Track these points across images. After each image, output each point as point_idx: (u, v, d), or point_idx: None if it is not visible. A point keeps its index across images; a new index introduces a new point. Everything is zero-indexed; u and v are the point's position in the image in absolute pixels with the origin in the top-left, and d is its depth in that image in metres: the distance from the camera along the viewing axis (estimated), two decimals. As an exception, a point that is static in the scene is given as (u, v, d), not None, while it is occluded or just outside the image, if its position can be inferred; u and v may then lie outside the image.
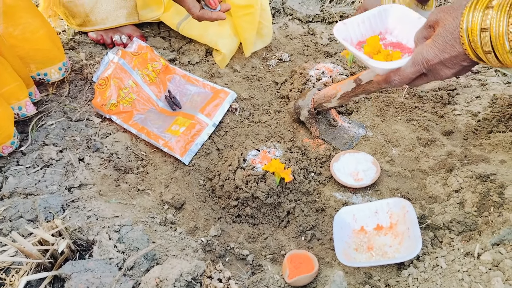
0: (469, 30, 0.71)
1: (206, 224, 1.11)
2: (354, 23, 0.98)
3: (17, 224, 0.97)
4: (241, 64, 1.52)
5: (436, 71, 0.80)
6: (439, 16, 0.77)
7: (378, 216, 1.06)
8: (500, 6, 0.68)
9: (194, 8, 1.15)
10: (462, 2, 0.74)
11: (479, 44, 0.71)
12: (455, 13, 0.74)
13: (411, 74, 0.83)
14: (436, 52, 0.77)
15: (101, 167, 1.17)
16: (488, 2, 0.70)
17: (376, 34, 0.98)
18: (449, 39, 0.75)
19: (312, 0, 1.74)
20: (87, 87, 1.36)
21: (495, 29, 0.68)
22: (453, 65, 0.77)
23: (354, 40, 0.99)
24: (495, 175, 1.08)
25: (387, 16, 0.98)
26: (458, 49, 0.74)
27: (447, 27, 0.75)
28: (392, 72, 0.87)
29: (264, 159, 1.15)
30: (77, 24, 1.47)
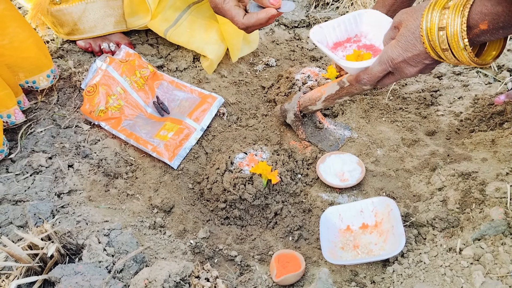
0: (428, 29, 0.75)
1: (195, 226, 1.13)
2: (330, 27, 1.03)
3: (7, 230, 0.98)
4: (228, 70, 1.54)
5: (401, 69, 0.84)
6: (402, 18, 0.81)
7: (364, 215, 1.08)
8: (455, 7, 0.72)
9: (237, 16, 1.00)
10: (422, 5, 0.78)
11: (437, 42, 0.75)
12: (416, 14, 0.79)
13: (378, 72, 0.88)
14: (400, 51, 0.81)
15: (90, 173, 1.18)
16: (445, 3, 0.74)
17: (350, 37, 1.03)
18: (411, 39, 0.79)
19: (298, 6, 1.77)
20: (76, 95, 1.37)
21: (451, 28, 0.72)
22: (416, 63, 0.81)
23: (330, 43, 1.03)
24: (476, 173, 1.11)
25: (361, 21, 1.04)
26: (420, 48, 0.78)
27: (409, 27, 0.79)
28: (361, 72, 0.91)
29: (251, 161, 1.17)
30: (65, 32, 1.49)
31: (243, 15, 0.99)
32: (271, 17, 0.98)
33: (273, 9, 0.97)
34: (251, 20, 0.98)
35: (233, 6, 0.99)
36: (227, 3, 0.99)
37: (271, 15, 0.97)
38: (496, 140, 1.19)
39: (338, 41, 1.04)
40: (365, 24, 1.04)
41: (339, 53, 1.02)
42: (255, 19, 0.98)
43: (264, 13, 0.97)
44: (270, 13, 0.97)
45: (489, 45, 0.80)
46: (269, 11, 0.97)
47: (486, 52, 0.80)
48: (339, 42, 1.04)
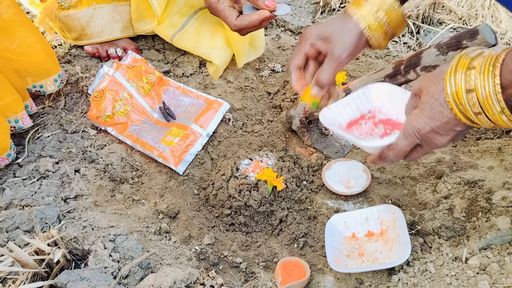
0: (454, 94, 0.68)
1: (200, 233, 1.13)
2: (340, 107, 0.94)
3: (13, 235, 0.98)
4: (234, 75, 1.55)
5: (430, 140, 0.75)
6: (422, 84, 0.74)
7: (369, 222, 1.08)
8: (482, 67, 0.65)
9: (230, 17, 0.97)
10: (442, 69, 0.71)
11: (468, 106, 0.67)
12: (436, 79, 0.71)
13: (405, 147, 0.78)
14: (426, 121, 0.73)
15: (96, 178, 1.19)
16: (469, 63, 0.67)
17: (364, 114, 0.95)
18: (436, 106, 0.71)
19: (304, 12, 1.78)
20: (83, 100, 1.38)
21: (481, 90, 0.65)
22: (446, 131, 0.73)
23: (343, 123, 0.95)
24: (483, 181, 1.10)
25: (371, 95, 0.95)
26: (448, 114, 0.71)
27: (431, 93, 0.72)
28: (385, 149, 0.81)
29: (256, 168, 1.17)
30: (72, 38, 1.50)
31: (236, 16, 0.97)
32: (264, 19, 0.96)
33: (266, 11, 0.95)
34: (243, 22, 0.96)
35: (227, 7, 0.97)
36: (221, 3, 0.97)
37: (264, 17, 0.95)
38: (503, 148, 1.19)
39: (351, 120, 0.96)
40: (376, 98, 0.95)
41: (354, 132, 0.94)
42: (248, 21, 0.96)
43: (257, 15, 0.95)
44: (263, 15, 0.95)
45: None
46: (262, 13, 0.95)
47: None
48: (353, 121, 0.96)
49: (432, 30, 1.69)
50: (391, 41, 1.65)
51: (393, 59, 1.61)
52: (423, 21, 1.69)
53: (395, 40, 1.66)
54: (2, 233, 0.99)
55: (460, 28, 1.69)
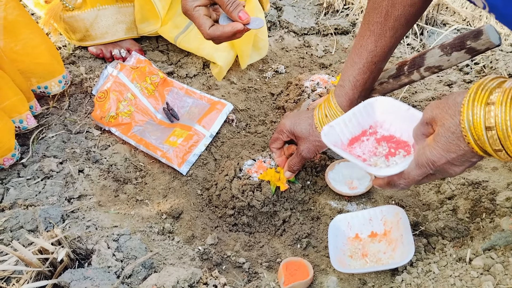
0: (472, 128, 0.65)
1: (203, 233, 1.13)
2: (341, 124, 0.93)
3: (17, 235, 0.99)
4: (237, 76, 1.55)
5: (444, 171, 0.74)
6: (435, 113, 0.71)
7: (372, 223, 1.08)
8: (503, 102, 0.62)
9: (203, 25, 0.97)
10: (456, 99, 0.68)
11: (487, 143, 0.65)
12: (451, 110, 0.68)
13: (418, 176, 0.77)
14: (441, 153, 0.71)
15: (100, 178, 1.19)
16: (487, 98, 0.64)
17: (366, 129, 0.94)
18: (452, 139, 0.69)
19: (307, 13, 1.78)
20: (87, 100, 1.39)
21: (503, 127, 0.62)
22: (461, 162, 0.71)
23: (345, 140, 0.93)
24: (487, 182, 1.10)
25: (373, 110, 0.93)
26: (464, 147, 0.68)
27: (446, 126, 0.69)
28: (395, 176, 0.80)
29: (260, 168, 1.17)
30: (77, 39, 1.51)
31: (209, 25, 0.96)
32: (237, 31, 0.96)
33: (240, 24, 0.95)
34: (216, 32, 0.96)
35: (202, 15, 0.97)
36: (197, 11, 0.97)
37: (236, 30, 0.95)
38: (507, 149, 1.18)
39: (353, 137, 0.93)
40: (378, 113, 0.93)
41: (357, 149, 0.92)
42: (220, 32, 0.96)
43: (230, 27, 0.95)
44: (235, 28, 0.95)
45: None
46: (235, 25, 0.95)
47: None
48: (354, 138, 0.93)
49: (436, 31, 1.68)
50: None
51: (396, 60, 1.61)
52: (427, 23, 1.69)
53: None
54: (6, 232, 1.00)
55: (464, 29, 1.69)
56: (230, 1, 0.94)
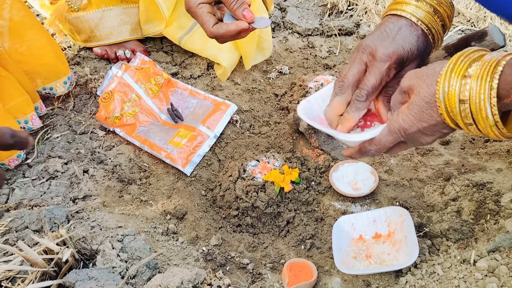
0: (446, 100, 0.65)
1: (207, 233, 1.14)
2: (319, 98, 0.91)
3: (23, 235, 0.99)
4: (241, 77, 1.55)
5: (415, 139, 0.74)
6: (412, 82, 0.71)
7: (377, 224, 1.07)
8: (479, 76, 0.62)
9: (207, 23, 0.94)
10: (435, 68, 0.68)
11: (459, 116, 0.65)
12: (429, 79, 0.68)
13: (389, 143, 0.77)
14: (413, 121, 0.71)
15: (105, 178, 1.20)
16: (465, 71, 0.64)
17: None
18: (425, 108, 0.69)
19: (311, 14, 1.78)
20: (92, 101, 1.39)
21: (476, 101, 0.62)
22: (432, 132, 0.72)
23: (322, 115, 0.90)
24: (491, 184, 1.09)
25: None
26: (436, 118, 0.69)
27: (421, 95, 0.69)
28: (367, 142, 0.80)
29: (264, 169, 1.18)
30: (82, 39, 1.52)
31: (213, 23, 0.94)
32: (241, 30, 0.92)
33: (244, 22, 0.92)
34: (220, 31, 0.93)
35: (206, 12, 0.94)
36: (200, 8, 0.94)
37: (241, 28, 0.92)
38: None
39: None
40: None
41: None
42: (224, 30, 0.92)
43: (234, 26, 0.92)
44: (240, 26, 0.92)
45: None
46: (239, 24, 0.92)
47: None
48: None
49: (440, 32, 1.68)
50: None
51: (401, 61, 1.61)
52: (431, 23, 1.68)
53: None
54: (11, 232, 1.00)
55: (468, 30, 1.68)
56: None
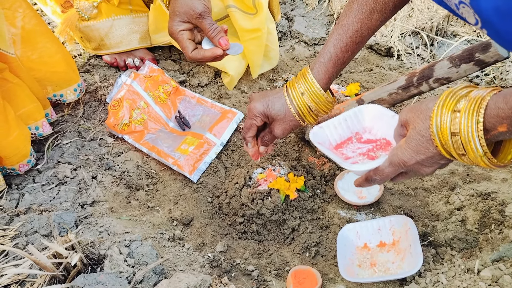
0: (440, 133, 0.71)
1: (213, 240, 1.15)
2: (331, 126, 0.99)
3: (32, 239, 1.01)
4: (248, 86, 1.57)
5: (415, 170, 0.80)
6: (408, 117, 0.78)
7: (381, 233, 1.08)
8: (467, 111, 0.67)
9: (186, 48, 1.06)
10: (428, 105, 0.74)
11: (452, 148, 0.70)
12: (422, 115, 0.74)
13: (391, 173, 0.83)
14: (411, 154, 0.77)
15: (113, 184, 1.22)
16: (454, 106, 0.69)
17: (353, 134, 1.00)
18: (421, 142, 0.75)
19: (318, 24, 1.80)
20: (101, 108, 1.41)
21: (465, 134, 0.67)
22: (431, 164, 0.77)
23: (333, 142, 1.00)
24: (496, 193, 1.10)
25: (363, 116, 0.99)
26: (433, 150, 0.74)
27: (417, 129, 0.75)
28: (372, 171, 0.86)
29: (269, 177, 1.19)
30: (92, 47, 1.54)
31: (192, 49, 1.05)
32: (216, 56, 1.04)
33: (219, 49, 1.04)
34: (197, 56, 1.05)
35: (186, 39, 1.06)
36: (181, 35, 1.05)
37: (216, 55, 1.04)
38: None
39: (342, 141, 1.00)
40: (368, 119, 0.99)
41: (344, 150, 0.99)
42: (201, 56, 1.05)
43: (210, 53, 1.04)
44: (215, 53, 1.04)
45: (506, 143, 0.71)
46: (215, 51, 1.04)
47: (504, 149, 0.71)
48: (343, 141, 1.00)
49: (446, 42, 1.69)
50: (405, 52, 1.66)
51: (406, 70, 1.62)
52: (437, 33, 1.70)
53: (409, 52, 1.67)
54: (21, 236, 1.02)
55: (474, 40, 1.69)
56: (212, 28, 1.03)
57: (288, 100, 0.98)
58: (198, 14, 1.03)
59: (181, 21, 1.05)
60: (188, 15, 1.03)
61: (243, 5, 1.45)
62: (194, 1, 1.03)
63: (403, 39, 1.69)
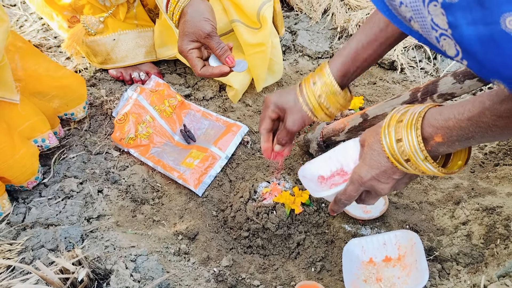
0: (388, 143, 0.76)
1: (218, 254, 1.15)
2: (322, 161, 1.03)
3: (39, 254, 1.02)
4: (253, 99, 1.58)
5: (373, 187, 0.83)
6: (365, 136, 0.84)
7: (387, 247, 1.08)
8: (408, 120, 0.74)
9: (195, 66, 1.12)
10: (381, 123, 0.80)
11: (398, 154, 0.75)
12: (374, 132, 0.80)
13: (353, 192, 0.85)
14: (366, 169, 0.81)
15: (118, 198, 1.22)
16: (399, 118, 0.76)
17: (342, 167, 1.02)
18: (374, 155, 0.79)
19: (321, 38, 1.81)
20: (107, 122, 1.43)
21: (406, 140, 0.73)
22: (386, 179, 0.80)
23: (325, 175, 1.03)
24: (501, 208, 1.10)
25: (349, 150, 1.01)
26: (385, 163, 0.78)
27: (370, 144, 0.80)
28: (339, 194, 0.89)
29: (274, 191, 1.19)
30: (98, 62, 1.56)
31: (201, 66, 1.11)
32: (223, 73, 1.11)
33: (226, 67, 1.11)
34: (206, 73, 1.11)
35: (195, 57, 1.11)
36: (190, 53, 1.11)
37: (223, 72, 1.11)
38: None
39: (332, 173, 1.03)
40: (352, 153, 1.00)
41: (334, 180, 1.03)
42: (209, 73, 1.11)
43: (218, 70, 1.11)
44: (222, 70, 1.10)
45: (454, 155, 0.78)
46: (222, 69, 1.10)
47: (452, 161, 0.78)
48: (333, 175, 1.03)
49: (449, 55, 1.70)
50: (409, 66, 1.67)
51: (410, 84, 1.63)
52: (440, 47, 1.70)
53: (412, 65, 1.68)
54: (28, 251, 1.03)
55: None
56: (220, 47, 1.09)
57: (299, 90, 0.97)
58: (206, 34, 1.08)
59: (191, 40, 1.10)
60: (197, 35, 1.09)
61: (248, 20, 1.47)
62: (203, 22, 1.08)
63: (406, 52, 1.70)
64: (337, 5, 1.88)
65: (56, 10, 1.53)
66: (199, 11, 1.09)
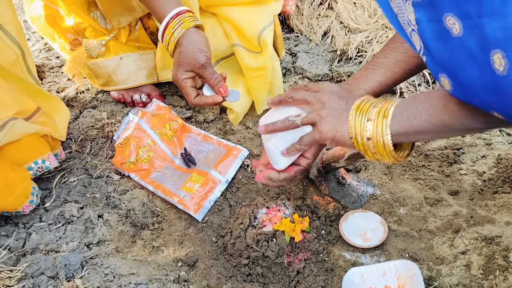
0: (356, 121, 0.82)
1: (218, 282, 1.15)
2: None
3: (38, 281, 1.02)
4: (253, 121, 1.59)
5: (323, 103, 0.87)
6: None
7: (386, 277, 1.08)
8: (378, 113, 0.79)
9: (189, 95, 1.14)
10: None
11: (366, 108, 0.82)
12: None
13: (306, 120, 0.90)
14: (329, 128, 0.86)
15: (118, 223, 1.22)
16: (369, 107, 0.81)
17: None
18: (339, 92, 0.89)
19: (321, 60, 1.83)
20: (108, 145, 1.43)
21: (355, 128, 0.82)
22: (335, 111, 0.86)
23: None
24: (500, 237, 1.11)
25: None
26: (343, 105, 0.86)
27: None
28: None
29: (274, 217, 1.20)
30: (100, 84, 1.57)
31: (195, 95, 1.15)
32: (217, 103, 1.15)
33: (219, 97, 1.14)
34: (199, 102, 1.14)
35: (189, 86, 1.15)
36: (185, 83, 1.14)
37: (217, 102, 1.14)
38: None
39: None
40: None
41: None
42: (203, 102, 1.14)
43: (211, 100, 1.14)
44: (216, 100, 1.14)
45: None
46: (215, 98, 1.14)
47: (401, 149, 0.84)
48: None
49: (447, 79, 1.71)
50: (408, 90, 1.69)
51: (409, 108, 1.64)
52: (438, 71, 1.72)
53: (411, 90, 1.69)
54: (27, 278, 1.03)
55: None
56: (213, 77, 1.13)
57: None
58: (200, 65, 1.11)
59: (185, 70, 1.13)
60: (192, 65, 1.12)
61: (249, 44, 1.48)
62: (197, 53, 1.11)
63: (405, 76, 1.72)
64: (337, 27, 1.90)
65: (58, 32, 1.55)
66: (193, 42, 1.12)
